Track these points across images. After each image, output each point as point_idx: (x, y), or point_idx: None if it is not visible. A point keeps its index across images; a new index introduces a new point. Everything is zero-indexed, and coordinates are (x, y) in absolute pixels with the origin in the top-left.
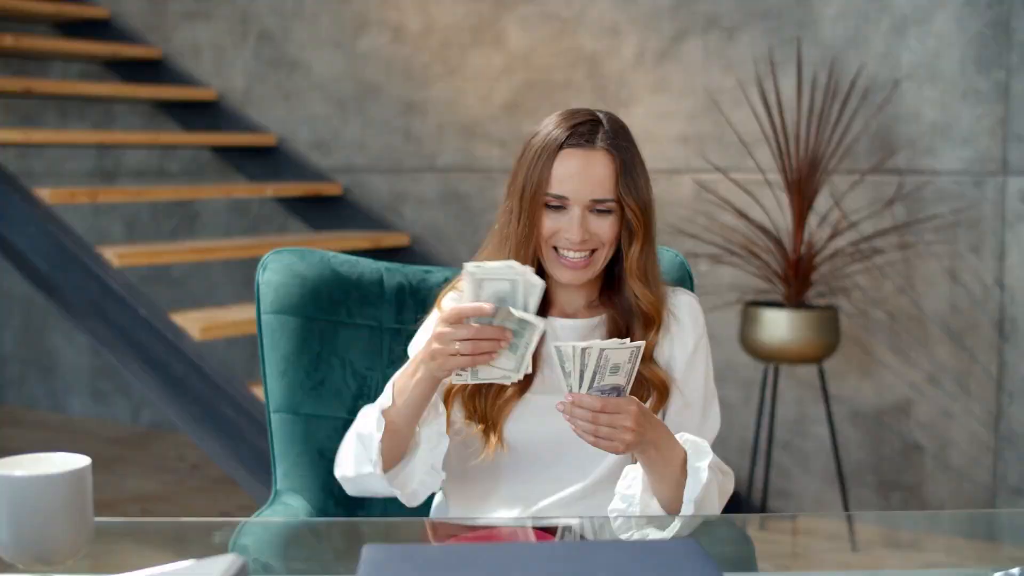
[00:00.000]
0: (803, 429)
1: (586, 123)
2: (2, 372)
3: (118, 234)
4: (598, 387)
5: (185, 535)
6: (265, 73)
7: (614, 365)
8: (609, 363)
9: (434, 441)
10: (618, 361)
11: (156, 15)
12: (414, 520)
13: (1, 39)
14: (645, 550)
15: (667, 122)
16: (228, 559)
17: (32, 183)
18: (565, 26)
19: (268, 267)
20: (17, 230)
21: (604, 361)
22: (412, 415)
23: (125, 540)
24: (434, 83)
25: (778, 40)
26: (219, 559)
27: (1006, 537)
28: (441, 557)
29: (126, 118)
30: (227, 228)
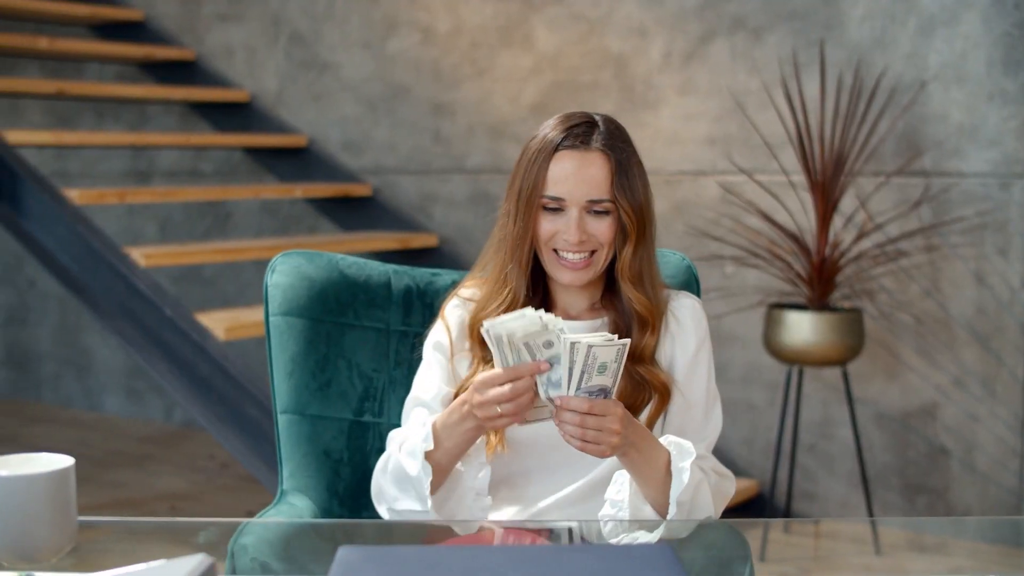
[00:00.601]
0: (828, 432)
1: (582, 125)
2: (38, 370)
3: (152, 234)
4: (585, 388)
5: (179, 534)
6: (296, 74)
7: (601, 364)
8: (597, 362)
9: (477, 468)
10: (605, 360)
11: (190, 17)
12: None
13: (37, 41)
14: (617, 555)
15: (693, 124)
16: (196, 559)
17: (67, 184)
18: (592, 27)
19: (276, 269)
20: (47, 230)
21: (592, 359)
22: (458, 456)
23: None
24: (463, 84)
25: (804, 41)
26: (188, 559)
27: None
28: (413, 559)
29: (160, 119)
30: (259, 228)
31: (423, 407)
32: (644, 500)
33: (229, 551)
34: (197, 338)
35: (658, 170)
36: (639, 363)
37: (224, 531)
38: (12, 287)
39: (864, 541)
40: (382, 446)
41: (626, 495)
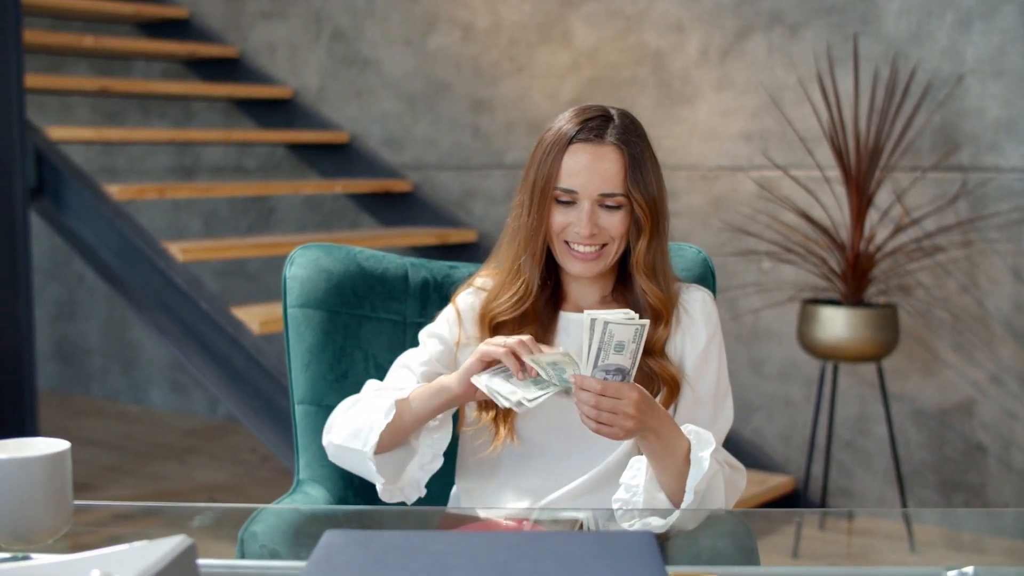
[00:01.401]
0: (865, 428)
1: (596, 118)
2: (87, 364)
3: (196, 229)
4: (602, 366)
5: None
6: (338, 71)
7: (619, 343)
8: (614, 339)
9: (428, 457)
10: (623, 339)
11: (234, 14)
12: (423, 509)
13: (82, 40)
14: (597, 542)
15: (730, 119)
16: (176, 540)
17: (115, 179)
18: (630, 23)
19: (295, 262)
20: (88, 225)
21: (609, 336)
22: (421, 420)
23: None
24: (502, 80)
25: (841, 36)
26: (168, 540)
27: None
28: (394, 543)
29: (205, 116)
30: (301, 224)
31: (406, 369)
32: (659, 487)
33: (239, 538)
34: (232, 332)
35: (695, 165)
36: (650, 356)
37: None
38: (61, 282)
39: (899, 538)
40: None
41: (641, 480)
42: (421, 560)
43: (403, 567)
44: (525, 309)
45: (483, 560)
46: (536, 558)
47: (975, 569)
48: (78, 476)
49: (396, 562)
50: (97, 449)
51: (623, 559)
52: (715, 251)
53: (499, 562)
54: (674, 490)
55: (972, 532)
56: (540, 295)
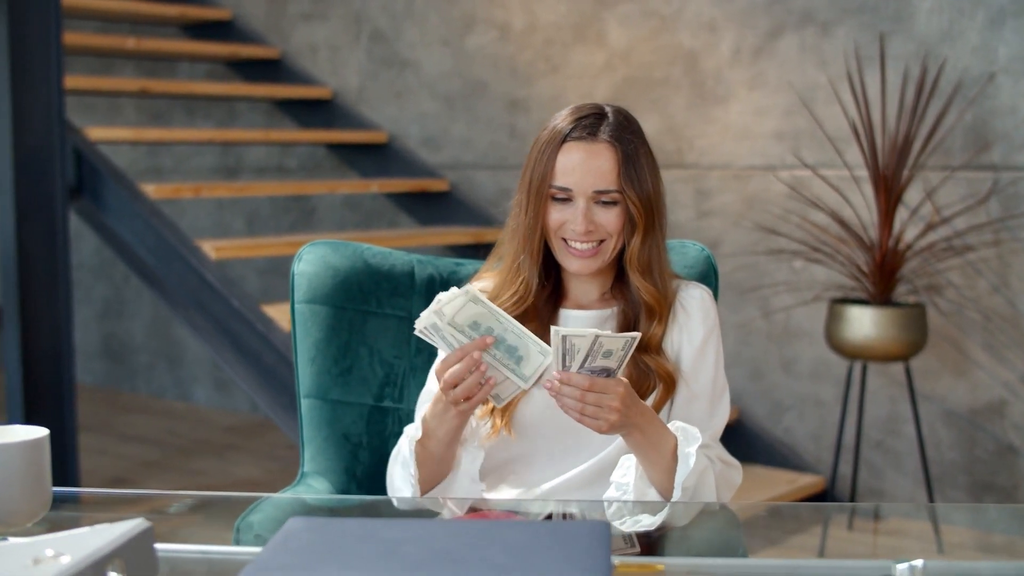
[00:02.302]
0: (896, 428)
1: (590, 116)
2: (133, 361)
3: (239, 228)
4: (589, 368)
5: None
6: (377, 71)
7: (607, 351)
8: (603, 348)
9: (472, 454)
10: (611, 348)
11: (276, 16)
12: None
13: (124, 41)
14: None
15: (763, 119)
16: (134, 523)
17: (160, 179)
18: (664, 23)
19: (303, 258)
20: (125, 225)
21: (598, 347)
22: (449, 443)
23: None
24: (537, 80)
25: (872, 35)
26: (127, 523)
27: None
28: (352, 530)
29: (248, 116)
30: (341, 223)
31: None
32: (649, 484)
33: (235, 527)
34: (263, 329)
35: (728, 165)
36: (645, 352)
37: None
38: (109, 281)
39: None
40: (401, 430)
41: (631, 478)
42: (373, 546)
43: (353, 551)
44: (526, 307)
45: (433, 547)
46: (485, 546)
47: (925, 563)
48: (117, 470)
49: (348, 547)
50: (139, 445)
51: (569, 548)
52: (747, 250)
53: (447, 548)
54: (664, 486)
55: (1004, 535)
56: (540, 293)
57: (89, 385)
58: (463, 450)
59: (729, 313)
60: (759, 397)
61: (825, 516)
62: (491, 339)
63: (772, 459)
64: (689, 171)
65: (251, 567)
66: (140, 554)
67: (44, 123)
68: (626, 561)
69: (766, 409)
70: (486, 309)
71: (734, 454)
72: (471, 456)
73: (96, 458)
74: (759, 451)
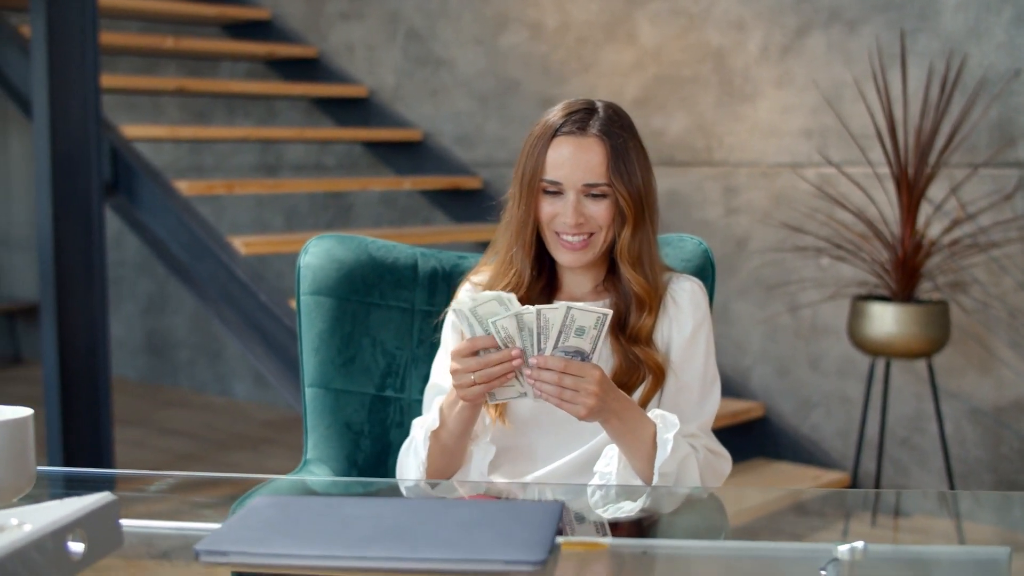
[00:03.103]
0: (921, 425)
1: (581, 111)
2: (175, 357)
3: (278, 225)
4: (562, 348)
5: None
6: (413, 70)
7: (580, 327)
8: (575, 324)
9: (484, 449)
10: (584, 324)
11: (314, 15)
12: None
13: (162, 41)
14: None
15: (790, 116)
16: (99, 496)
17: (202, 176)
18: (693, 21)
19: (309, 251)
20: (159, 221)
21: (570, 321)
22: (461, 436)
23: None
24: (570, 79)
25: (898, 32)
26: (91, 496)
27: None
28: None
29: (287, 115)
30: (377, 220)
31: (441, 394)
32: (633, 474)
33: (231, 509)
34: (289, 323)
35: (756, 162)
36: (635, 343)
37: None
38: (152, 277)
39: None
40: (402, 420)
41: (614, 468)
42: (328, 522)
43: (308, 527)
44: (520, 298)
45: (385, 523)
46: (436, 522)
47: (865, 544)
48: (153, 463)
49: (304, 522)
50: (177, 438)
51: (515, 526)
52: (775, 247)
53: (399, 525)
54: (646, 474)
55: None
56: (534, 285)
57: (132, 380)
58: (475, 445)
59: (756, 310)
60: (786, 394)
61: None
62: (517, 351)
63: (798, 456)
64: (718, 168)
65: (206, 539)
66: (103, 526)
67: (81, 121)
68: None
69: (793, 406)
70: (514, 314)
71: (760, 451)
72: (482, 452)
73: (134, 450)
74: (785, 448)
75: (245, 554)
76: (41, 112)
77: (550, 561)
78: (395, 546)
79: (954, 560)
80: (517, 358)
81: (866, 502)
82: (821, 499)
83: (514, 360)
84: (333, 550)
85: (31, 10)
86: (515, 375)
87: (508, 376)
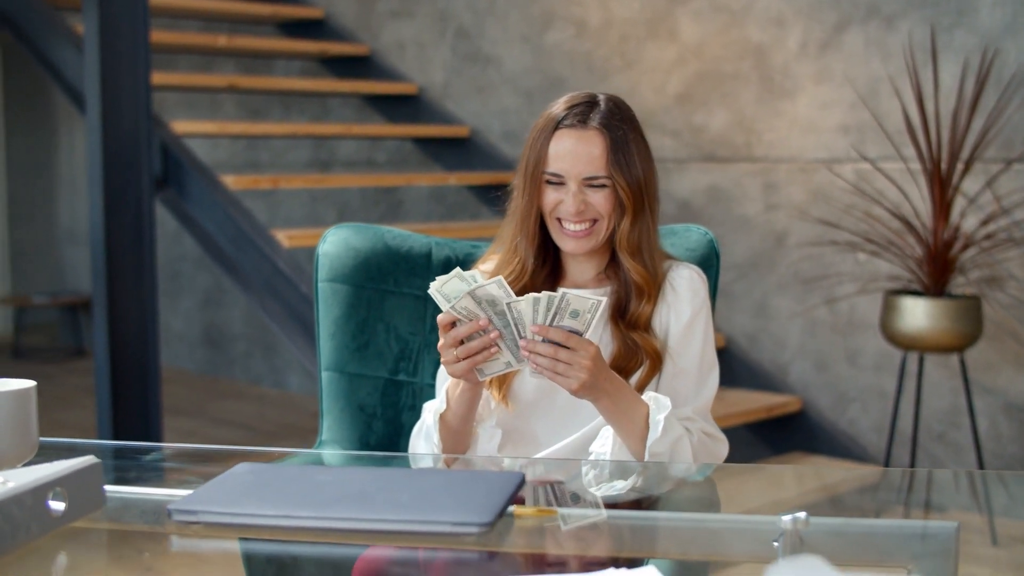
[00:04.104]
0: (957, 420)
1: (582, 104)
2: (231, 349)
3: (331, 219)
4: (557, 325)
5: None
6: (461, 67)
7: (574, 310)
8: (570, 307)
9: (489, 433)
10: (578, 308)
11: (365, 14)
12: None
13: (215, 39)
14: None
15: (828, 112)
16: (83, 459)
17: (258, 172)
18: (734, 18)
19: (327, 240)
20: (206, 214)
21: (565, 304)
22: (465, 417)
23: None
24: (613, 76)
25: (936, 28)
26: (76, 460)
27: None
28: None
29: (339, 111)
30: (427, 214)
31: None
32: (628, 455)
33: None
34: None
35: (795, 158)
36: (634, 330)
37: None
38: (209, 272)
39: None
40: (414, 403)
41: (608, 448)
42: (298, 487)
43: (278, 491)
44: (524, 285)
45: (351, 488)
46: (398, 488)
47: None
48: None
49: (275, 487)
50: (228, 428)
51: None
52: (813, 242)
53: (363, 490)
54: (640, 455)
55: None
56: (539, 273)
57: (191, 372)
58: (481, 429)
59: (794, 304)
60: (824, 388)
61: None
62: (485, 321)
63: (835, 450)
64: (758, 164)
65: (180, 500)
66: (85, 486)
67: (132, 117)
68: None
69: (831, 400)
70: (503, 292)
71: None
72: (488, 435)
73: (184, 439)
74: (822, 442)
75: (213, 514)
76: (93, 108)
77: (500, 526)
78: (354, 508)
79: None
80: (491, 329)
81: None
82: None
83: (489, 332)
84: (294, 511)
85: (84, 9)
86: (499, 348)
87: (491, 350)
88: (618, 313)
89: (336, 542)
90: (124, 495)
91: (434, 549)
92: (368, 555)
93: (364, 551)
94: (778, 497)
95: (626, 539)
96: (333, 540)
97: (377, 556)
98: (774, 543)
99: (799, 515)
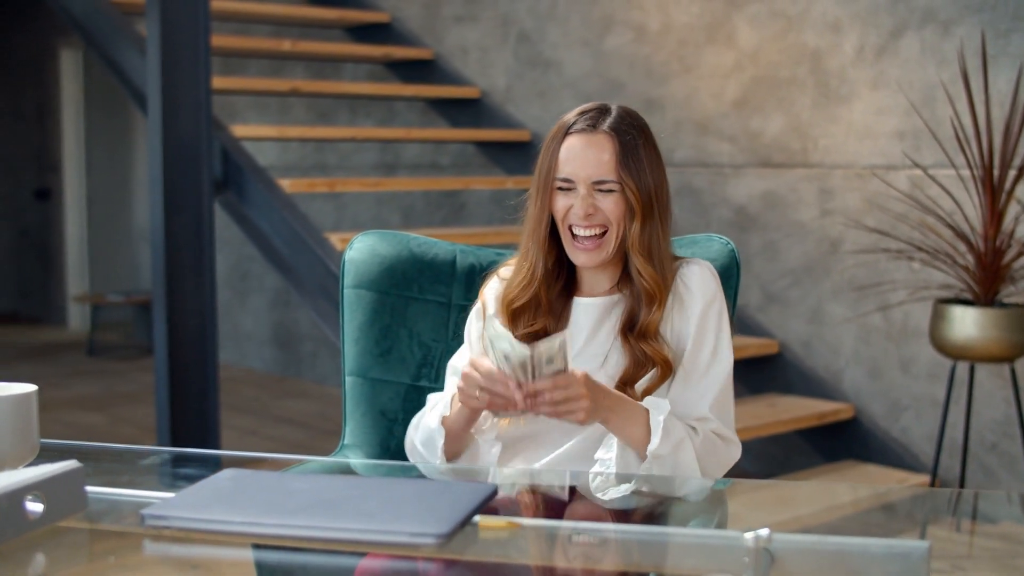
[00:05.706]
0: (1010, 431)
1: (594, 111)
2: (299, 349)
3: (396, 222)
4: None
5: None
6: (523, 71)
7: (548, 358)
8: (543, 357)
9: (490, 445)
10: (550, 355)
11: (430, 18)
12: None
13: (280, 44)
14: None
15: (883, 118)
16: (66, 463)
17: (325, 174)
18: (791, 23)
19: (353, 247)
20: (263, 216)
21: (538, 360)
22: (463, 427)
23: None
24: (671, 80)
25: (993, 33)
26: (59, 463)
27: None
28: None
29: (405, 115)
30: (488, 218)
31: (456, 375)
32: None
33: None
34: None
35: (850, 164)
36: (643, 339)
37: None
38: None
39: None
40: None
41: (613, 454)
42: (272, 494)
43: (251, 497)
44: (537, 294)
45: (322, 496)
46: (367, 497)
47: (770, 532)
48: (259, 451)
49: (250, 494)
50: (289, 427)
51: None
52: (867, 248)
53: (333, 498)
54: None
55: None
56: (553, 284)
57: (259, 371)
58: (482, 439)
59: (847, 311)
60: (877, 396)
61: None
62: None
63: (887, 459)
64: (813, 170)
65: (155, 505)
66: (66, 489)
67: (193, 121)
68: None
69: (884, 408)
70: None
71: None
72: (488, 446)
73: (244, 438)
74: (874, 450)
75: (183, 519)
76: (155, 111)
77: (460, 537)
78: (318, 517)
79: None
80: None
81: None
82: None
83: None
84: (260, 518)
85: (146, 12)
86: None
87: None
88: (628, 326)
89: (318, 549)
90: (109, 497)
91: (430, 559)
92: (365, 564)
93: (361, 560)
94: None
95: (596, 551)
96: (297, 547)
97: (374, 565)
98: (744, 559)
99: (761, 532)
